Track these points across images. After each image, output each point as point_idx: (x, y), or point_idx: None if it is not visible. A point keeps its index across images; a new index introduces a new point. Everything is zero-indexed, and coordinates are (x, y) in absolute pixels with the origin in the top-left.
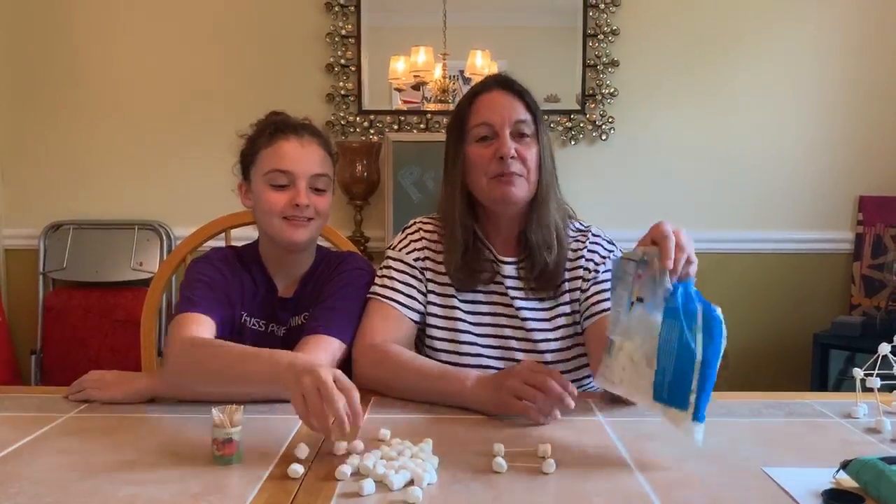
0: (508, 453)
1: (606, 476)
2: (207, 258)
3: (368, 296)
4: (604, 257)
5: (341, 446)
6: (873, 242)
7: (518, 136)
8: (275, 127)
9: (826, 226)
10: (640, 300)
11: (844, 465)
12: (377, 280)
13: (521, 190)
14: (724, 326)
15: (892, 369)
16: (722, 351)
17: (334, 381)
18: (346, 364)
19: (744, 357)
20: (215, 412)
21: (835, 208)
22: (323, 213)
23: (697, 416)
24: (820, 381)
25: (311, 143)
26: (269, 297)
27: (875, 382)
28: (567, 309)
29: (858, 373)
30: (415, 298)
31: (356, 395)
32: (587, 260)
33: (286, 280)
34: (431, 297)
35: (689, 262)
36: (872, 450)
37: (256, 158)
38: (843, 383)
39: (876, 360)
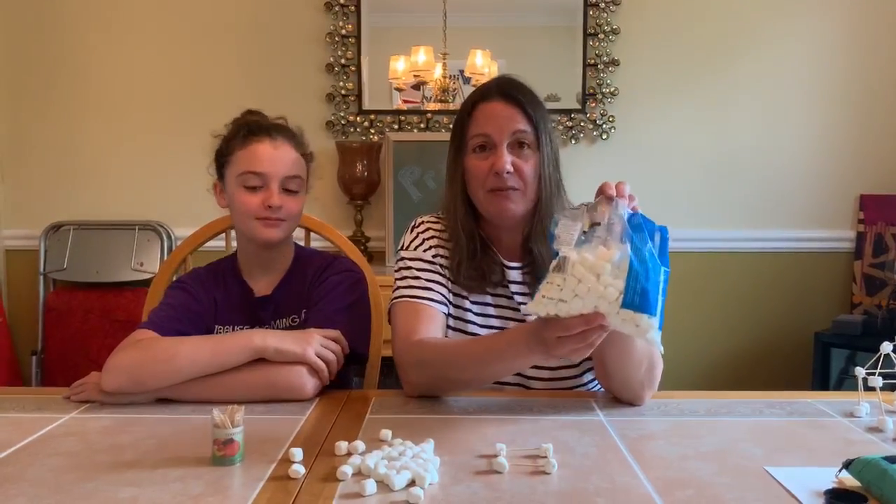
0: (510, 453)
1: (608, 476)
2: (181, 282)
3: (394, 300)
4: None
5: (342, 446)
6: (874, 241)
7: (517, 147)
8: (248, 129)
9: (827, 224)
10: (596, 224)
11: (847, 465)
12: (399, 283)
13: (518, 205)
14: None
15: (893, 368)
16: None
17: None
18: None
19: (745, 356)
20: (216, 413)
21: (836, 207)
22: (294, 215)
23: (659, 325)
24: (821, 380)
25: (283, 145)
26: (246, 299)
27: (877, 381)
28: None
29: (860, 372)
30: (441, 293)
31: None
32: None
33: (264, 277)
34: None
35: (631, 197)
36: (875, 449)
37: (230, 159)
38: (845, 382)
39: (878, 359)
